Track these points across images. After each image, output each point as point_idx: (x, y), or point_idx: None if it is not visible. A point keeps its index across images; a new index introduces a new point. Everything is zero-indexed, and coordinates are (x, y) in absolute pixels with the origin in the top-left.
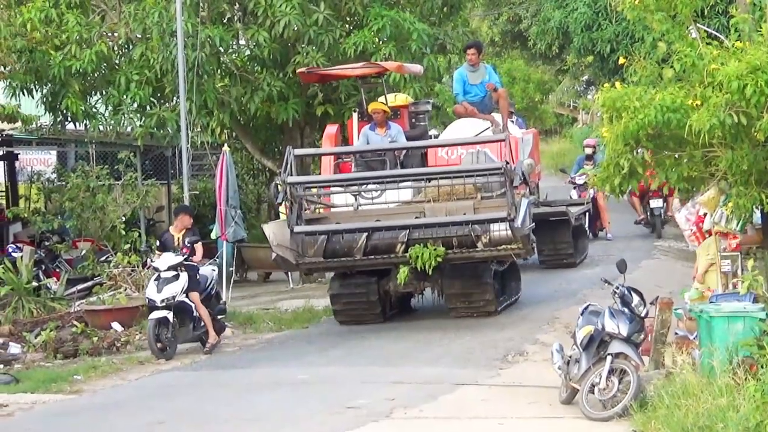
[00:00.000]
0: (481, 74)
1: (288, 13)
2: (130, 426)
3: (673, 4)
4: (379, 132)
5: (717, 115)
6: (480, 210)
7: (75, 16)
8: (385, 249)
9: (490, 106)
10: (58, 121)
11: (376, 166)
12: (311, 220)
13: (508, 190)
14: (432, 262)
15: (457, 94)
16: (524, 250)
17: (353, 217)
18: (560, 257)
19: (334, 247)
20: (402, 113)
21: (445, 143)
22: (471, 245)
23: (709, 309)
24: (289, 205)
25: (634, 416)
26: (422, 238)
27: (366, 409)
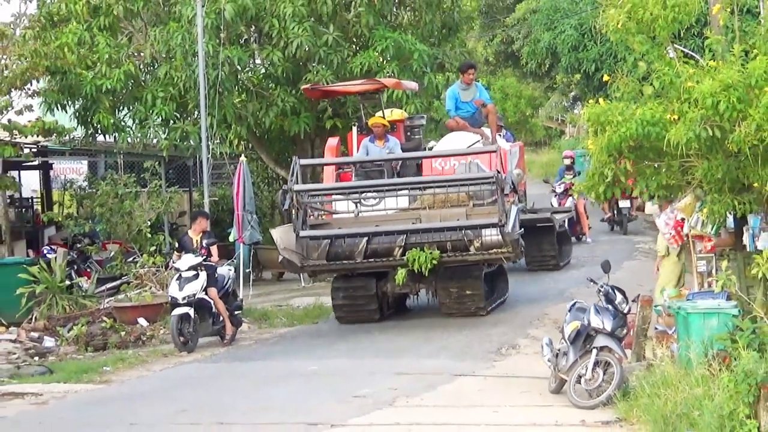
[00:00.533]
0: (472, 92)
1: (300, 35)
2: (155, 414)
3: (652, 27)
4: (378, 144)
5: (693, 129)
6: (472, 216)
7: (105, 38)
8: (384, 252)
9: (480, 120)
10: (89, 134)
11: (374, 175)
12: (315, 225)
13: (499, 198)
14: (428, 264)
15: (449, 110)
16: (514, 254)
17: (354, 223)
18: (545, 260)
19: (336, 250)
20: (398, 127)
21: (439, 154)
22: (464, 249)
23: (686, 306)
24: (295, 211)
25: (618, 404)
26: (419, 243)
27: (371, 398)
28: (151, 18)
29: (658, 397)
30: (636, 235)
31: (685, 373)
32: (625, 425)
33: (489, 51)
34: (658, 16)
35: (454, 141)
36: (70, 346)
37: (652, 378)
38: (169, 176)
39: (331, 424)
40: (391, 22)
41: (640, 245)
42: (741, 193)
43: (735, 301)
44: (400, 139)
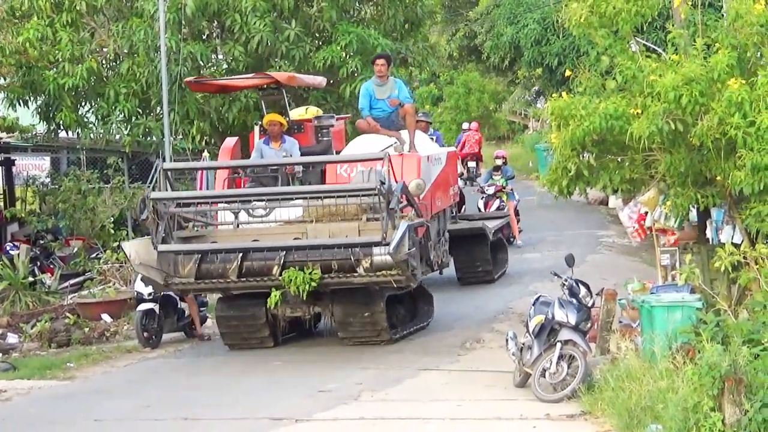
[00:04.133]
0: (389, 88)
1: (262, 30)
2: (120, 409)
3: (614, 21)
4: (273, 146)
5: (656, 123)
6: (365, 232)
7: (68, 34)
8: (260, 271)
9: (397, 122)
10: (51, 130)
11: (267, 182)
12: (189, 238)
13: (384, 212)
14: (305, 286)
15: (363, 109)
16: (403, 277)
17: (232, 236)
18: (478, 273)
19: (208, 267)
20: (306, 127)
21: (318, 161)
22: (351, 270)
23: (650, 299)
24: (153, 222)
25: (582, 398)
26: (299, 261)
27: (336, 392)
28: (113, 14)
29: (622, 390)
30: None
31: (650, 366)
32: (589, 419)
33: (452, 45)
34: (620, 9)
35: (362, 145)
36: (33, 343)
37: (617, 371)
38: (132, 172)
39: (295, 419)
40: (353, 17)
41: (604, 239)
42: (704, 187)
43: (699, 294)
44: (308, 141)
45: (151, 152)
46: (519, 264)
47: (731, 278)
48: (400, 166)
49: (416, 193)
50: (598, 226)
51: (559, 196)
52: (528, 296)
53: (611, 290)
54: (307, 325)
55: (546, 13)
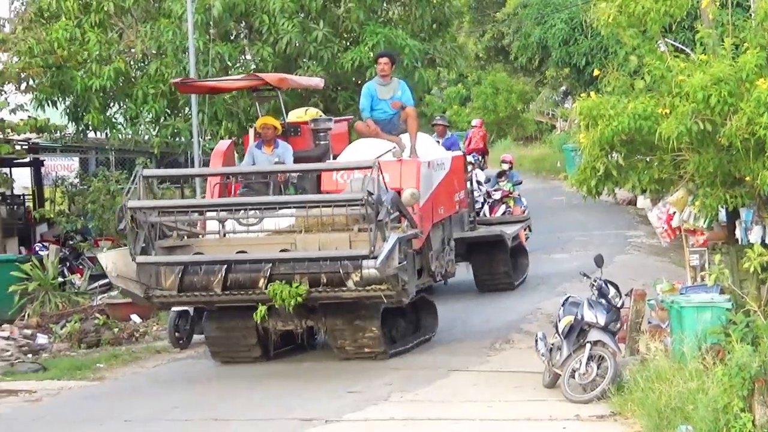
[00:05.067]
0: (392, 89)
1: (290, 31)
2: (149, 410)
3: (643, 21)
4: (266, 150)
5: (684, 123)
6: (355, 243)
7: (96, 34)
8: (246, 284)
9: (399, 125)
10: (80, 131)
11: (259, 188)
12: (172, 248)
13: (373, 224)
14: (291, 301)
15: (363, 110)
16: (394, 292)
17: (218, 246)
18: (497, 280)
19: (191, 279)
20: (303, 130)
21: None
22: (340, 283)
23: (680, 300)
24: (131, 232)
25: (612, 399)
26: (287, 273)
27: (366, 393)
28: (141, 14)
29: (652, 391)
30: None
31: (679, 367)
32: (619, 419)
33: (479, 46)
34: (649, 9)
35: (360, 149)
36: (63, 343)
37: (646, 372)
38: None
39: (325, 419)
40: (381, 18)
41: (633, 239)
42: (733, 187)
43: (728, 294)
44: (305, 145)
45: (180, 153)
46: (547, 265)
47: (761, 279)
48: (398, 173)
49: (410, 203)
50: (627, 226)
51: (588, 196)
52: (557, 297)
53: (640, 291)
54: (300, 339)
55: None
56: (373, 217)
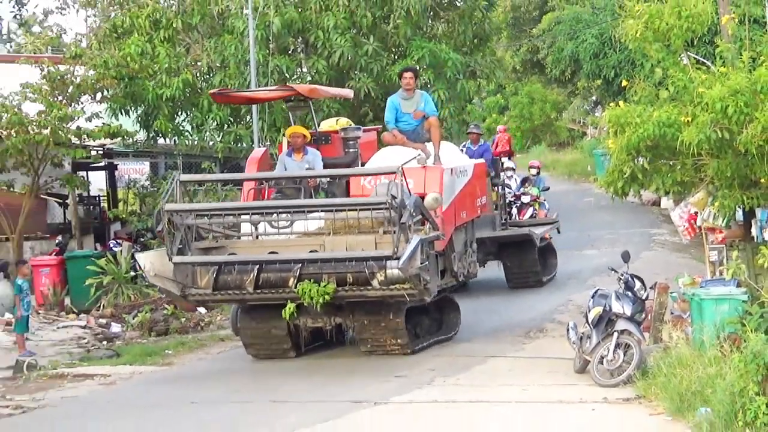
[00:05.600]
0: (415, 102)
1: (343, 45)
2: (213, 393)
3: (667, 36)
4: (296, 158)
5: (704, 131)
6: (381, 245)
7: (165, 49)
8: (277, 283)
9: (423, 134)
10: (150, 137)
11: (290, 193)
12: (208, 249)
13: (396, 226)
14: (319, 299)
15: (388, 122)
16: (416, 291)
17: (251, 247)
18: (526, 278)
19: (225, 279)
20: (333, 139)
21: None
22: (365, 283)
23: (700, 292)
24: (168, 234)
25: (637, 383)
26: (315, 273)
27: (411, 377)
28: (206, 30)
29: (674, 376)
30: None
31: (699, 354)
32: (644, 402)
33: (516, 59)
34: (673, 25)
35: (386, 157)
36: (135, 332)
37: (669, 359)
38: None
39: (374, 401)
40: (426, 33)
41: (657, 237)
42: (749, 189)
43: (744, 288)
44: (336, 152)
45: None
46: (578, 260)
47: None
48: (422, 179)
49: (433, 207)
50: (651, 225)
51: (615, 197)
52: (587, 290)
53: (664, 284)
54: (329, 335)
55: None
56: (397, 219)
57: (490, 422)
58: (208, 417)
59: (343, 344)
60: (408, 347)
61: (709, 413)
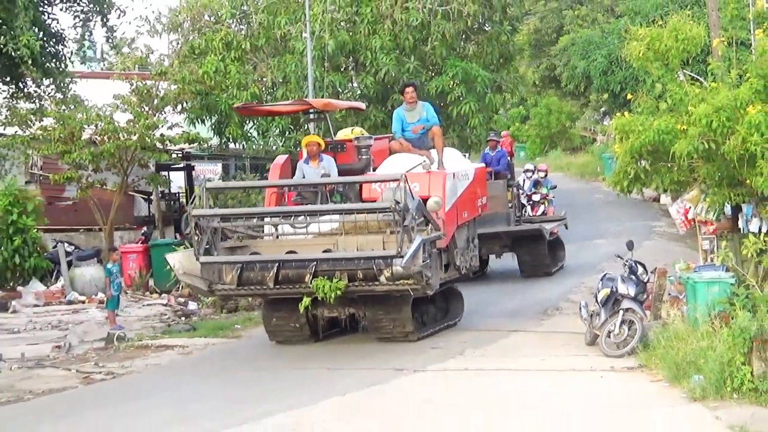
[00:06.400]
0: (418, 113)
1: (387, 64)
2: (276, 361)
3: (666, 56)
4: (312, 164)
5: (693, 143)
6: (388, 244)
7: (235, 67)
8: (294, 279)
9: (428, 143)
10: (222, 142)
11: (309, 196)
12: (233, 248)
13: (400, 228)
14: (332, 294)
15: (395, 132)
16: (419, 286)
17: (272, 247)
18: (538, 268)
19: (248, 275)
20: (348, 147)
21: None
22: (373, 279)
23: (694, 276)
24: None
25: (640, 354)
26: (329, 270)
27: (445, 349)
28: (271, 51)
29: (671, 348)
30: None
31: (693, 329)
32: (645, 370)
33: (536, 75)
34: (671, 47)
35: (394, 163)
36: (208, 309)
37: (667, 333)
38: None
39: (414, 369)
40: (459, 53)
41: (656, 229)
42: (735, 188)
43: (732, 272)
44: (350, 159)
45: None
46: (589, 249)
47: (756, 261)
48: (427, 183)
49: (434, 210)
50: (652, 218)
51: (621, 194)
52: (596, 274)
53: (663, 269)
54: (344, 324)
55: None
56: (401, 222)
57: (513, 388)
58: (272, 381)
59: (356, 331)
60: (414, 335)
61: (701, 380)
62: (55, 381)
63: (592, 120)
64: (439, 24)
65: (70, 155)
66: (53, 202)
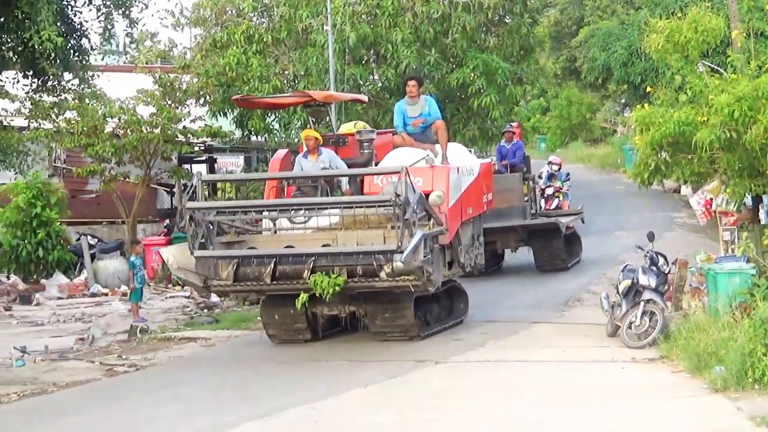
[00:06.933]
0: (420, 106)
1: (408, 56)
2: (297, 354)
3: (685, 48)
4: (311, 158)
5: (715, 132)
6: (389, 239)
7: (257, 60)
8: (292, 275)
9: (431, 137)
10: (244, 135)
11: (308, 191)
12: (230, 243)
13: (400, 223)
14: (330, 290)
15: (397, 126)
16: (420, 282)
17: (270, 241)
18: (554, 262)
19: (245, 271)
20: (350, 141)
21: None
22: (373, 275)
23: (715, 267)
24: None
25: (661, 345)
26: (327, 266)
27: (466, 340)
28: (292, 44)
29: (692, 339)
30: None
31: (714, 320)
32: (666, 361)
33: (557, 67)
34: (690, 39)
35: (397, 157)
36: (231, 302)
37: (688, 324)
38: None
39: (435, 361)
40: (480, 46)
41: (677, 220)
42: (756, 178)
43: (753, 263)
44: (352, 153)
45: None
46: (610, 240)
47: None
48: (430, 177)
49: (436, 204)
50: (673, 209)
51: (642, 186)
52: (617, 265)
53: (683, 260)
54: (344, 322)
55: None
56: (401, 215)
57: (534, 379)
58: (294, 373)
59: (357, 330)
60: (417, 334)
61: (722, 371)
62: (78, 373)
63: (612, 111)
64: (459, 16)
65: (93, 148)
66: (76, 195)
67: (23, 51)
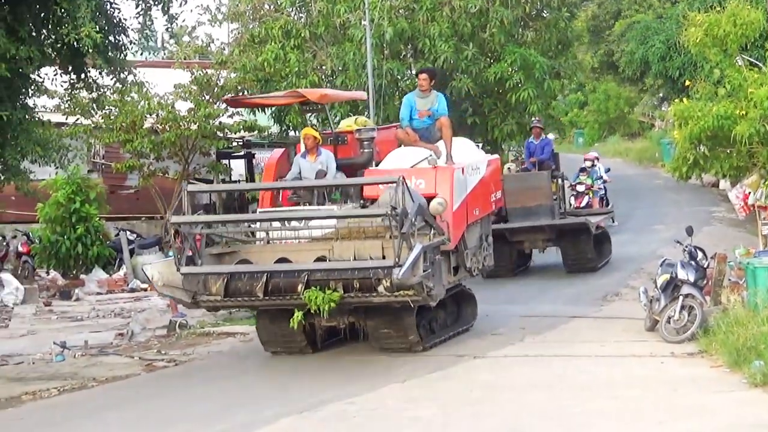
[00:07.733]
0: (430, 101)
1: (446, 51)
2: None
3: (724, 41)
4: (309, 159)
5: (754, 126)
6: (388, 250)
7: (295, 55)
8: (286, 289)
9: (435, 134)
10: (282, 130)
11: (304, 194)
12: (220, 254)
13: (397, 236)
14: (325, 306)
15: (403, 119)
16: (420, 297)
17: (262, 252)
18: (582, 262)
19: (236, 285)
20: (349, 139)
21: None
22: (371, 289)
23: (754, 262)
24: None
25: (700, 340)
26: (322, 280)
27: (505, 335)
28: (330, 39)
29: (731, 333)
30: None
31: (753, 314)
32: (705, 356)
33: (594, 61)
34: (729, 32)
35: (398, 157)
36: None
37: (727, 319)
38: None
39: (474, 356)
40: (518, 40)
41: (716, 214)
42: None
43: None
44: (353, 152)
45: None
46: (648, 234)
47: None
48: (433, 179)
49: (437, 212)
50: (711, 204)
51: (680, 180)
52: (656, 259)
53: (722, 254)
54: (343, 333)
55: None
56: (398, 229)
57: (573, 373)
58: (333, 368)
59: (357, 340)
60: (419, 345)
61: (762, 366)
62: (118, 368)
63: (650, 105)
64: (497, 11)
65: (132, 144)
66: (115, 190)
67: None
